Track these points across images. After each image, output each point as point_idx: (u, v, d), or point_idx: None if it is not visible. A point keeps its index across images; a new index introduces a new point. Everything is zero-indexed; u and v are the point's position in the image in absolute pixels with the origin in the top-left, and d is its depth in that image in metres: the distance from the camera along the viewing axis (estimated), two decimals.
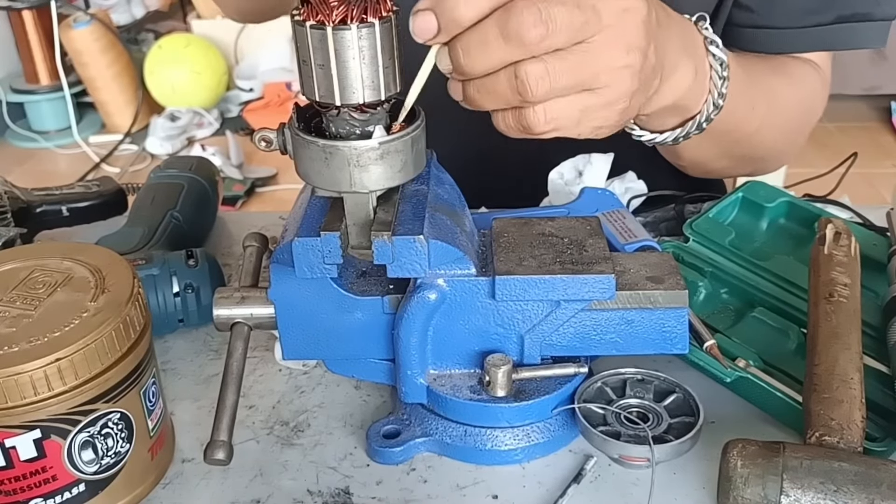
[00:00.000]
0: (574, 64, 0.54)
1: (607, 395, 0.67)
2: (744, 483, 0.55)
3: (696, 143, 0.75)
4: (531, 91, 0.54)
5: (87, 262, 0.63)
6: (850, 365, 0.61)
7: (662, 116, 0.70)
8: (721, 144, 0.84)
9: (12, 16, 3.58)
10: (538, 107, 0.55)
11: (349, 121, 0.58)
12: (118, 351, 0.58)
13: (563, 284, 0.62)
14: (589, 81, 0.55)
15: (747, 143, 0.86)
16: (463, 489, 0.63)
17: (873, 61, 3.30)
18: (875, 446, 0.61)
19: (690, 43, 0.67)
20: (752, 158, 0.93)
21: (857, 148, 1.13)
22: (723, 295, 0.79)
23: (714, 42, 0.69)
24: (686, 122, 0.72)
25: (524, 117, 0.56)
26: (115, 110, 3.66)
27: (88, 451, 0.58)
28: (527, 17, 0.52)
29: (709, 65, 0.69)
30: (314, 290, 0.64)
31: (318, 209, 0.64)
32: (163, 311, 0.79)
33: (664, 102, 0.66)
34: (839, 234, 0.72)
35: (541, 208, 0.88)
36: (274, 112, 3.56)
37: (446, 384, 0.65)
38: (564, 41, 0.53)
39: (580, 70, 0.54)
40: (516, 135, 0.58)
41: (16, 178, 1.00)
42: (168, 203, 0.91)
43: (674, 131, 0.72)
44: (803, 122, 0.94)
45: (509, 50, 0.53)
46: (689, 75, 0.66)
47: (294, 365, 0.75)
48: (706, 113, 0.71)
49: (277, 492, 0.63)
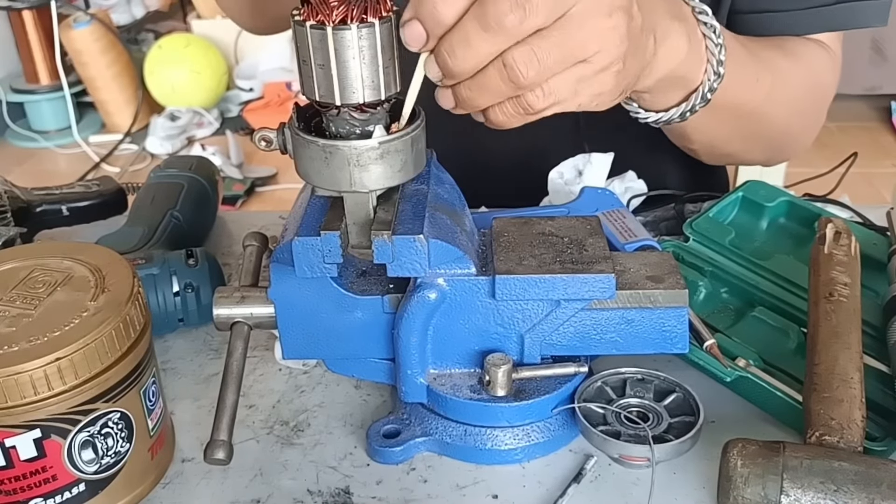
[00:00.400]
0: (559, 39, 0.54)
1: (607, 395, 0.67)
2: (744, 483, 0.55)
3: (705, 122, 0.75)
4: (522, 76, 0.54)
5: (87, 262, 0.63)
6: (850, 364, 0.61)
7: (665, 91, 0.70)
8: (729, 121, 0.83)
9: (12, 16, 3.58)
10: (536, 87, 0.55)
11: (349, 120, 0.58)
12: (118, 350, 0.58)
13: (563, 284, 0.62)
14: (578, 53, 0.55)
15: (756, 120, 0.86)
16: (463, 489, 0.63)
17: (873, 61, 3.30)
18: (875, 446, 0.61)
19: (678, 10, 0.67)
20: (767, 139, 0.92)
21: (857, 148, 1.13)
22: (723, 294, 0.79)
23: (703, 11, 0.69)
24: (689, 95, 0.72)
25: (525, 101, 0.56)
26: (115, 110, 3.66)
27: (88, 451, 0.58)
28: (501, 5, 0.51)
29: (701, 33, 0.69)
30: (314, 290, 0.64)
31: (318, 209, 0.64)
32: (163, 310, 0.79)
33: (663, 71, 0.66)
34: (839, 234, 0.72)
35: (541, 208, 0.88)
36: (274, 112, 3.56)
37: (446, 384, 0.65)
38: (545, 19, 0.53)
39: (566, 44, 0.54)
40: (518, 122, 0.58)
41: (16, 177, 1.00)
42: (168, 203, 0.91)
43: (679, 107, 0.72)
44: (815, 99, 0.93)
45: (492, 40, 0.53)
46: (683, 41, 0.66)
47: (294, 364, 0.76)
48: (708, 83, 0.70)
49: (277, 491, 0.63)
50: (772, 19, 0.89)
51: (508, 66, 0.54)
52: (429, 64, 0.55)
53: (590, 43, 0.55)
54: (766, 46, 0.85)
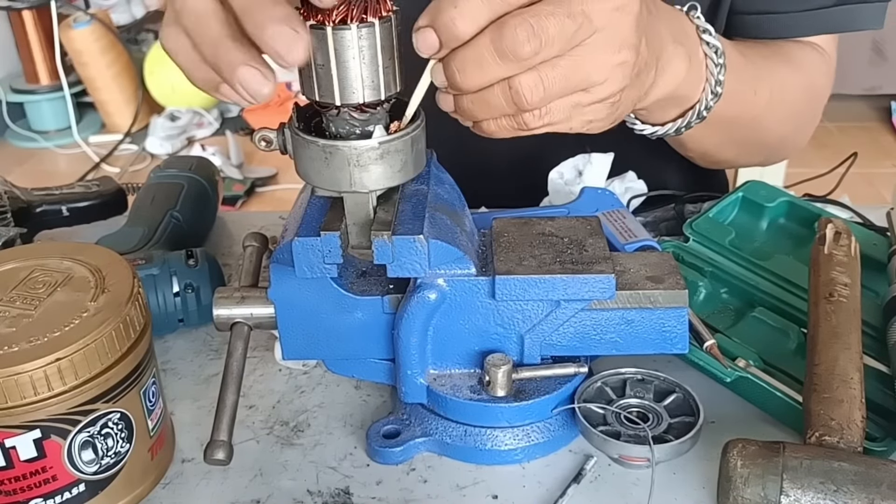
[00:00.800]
0: (567, 70, 0.54)
1: (607, 395, 0.67)
2: (744, 483, 0.55)
3: (701, 132, 0.75)
4: (526, 100, 0.54)
5: (87, 262, 0.63)
6: (850, 365, 0.61)
7: (662, 108, 0.71)
8: (725, 132, 0.84)
9: (12, 16, 3.58)
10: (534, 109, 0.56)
11: (349, 121, 0.58)
12: (118, 351, 0.58)
13: (563, 284, 0.62)
14: (582, 83, 0.56)
15: (752, 129, 0.87)
16: (463, 489, 0.63)
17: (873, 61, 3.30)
18: (875, 446, 0.61)
19: (681, 31, 0.68)
20: (761, 145, 0.93)
21: (857, 148, 1.13)
22: (723, 295, 0.79)
23: (706, 30, 0.69)
24: (686, 111, 0.72)
25: (520, 118, 0.56)
26: (115, 110, 3.66)
27: (88, 451, 0.58)
28: (520, 34, 0.52)
29: (703, 53, 0.70)
30: (314, 290, 0.64)
31: (318, 209, 0.64)
32: (163, 311, 0.79)
33: (661, 94, 0.66)
34: (839, 234, 0.72)
35: (541, 208, 0.88)
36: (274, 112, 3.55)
37: (446, 384, 0.65)
38: (558, 51, 0.53)
39: (573, 75, 0.55)
40: (508, 135, 0.58)
41: (16, 178, 1.00)
42: (168, 203, 0.91)
43: (675, 122, 0.73)
44: (810, 105, 0.94)
45: (504, 66, 0.53)
46: (684, 64, 0.67)
47: (294, 365, 0.76)
48: (705, 101, 0.71)
49: (277, 492, 0.63)
50: (771, 21, 0.90)
51: (514, 90, 0.54)
52: (436, 71, 0.56)
53: (595, 75, 0.56)
54: (764, 54, 0.86)
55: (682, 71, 0.67)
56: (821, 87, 0.94)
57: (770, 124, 0.88)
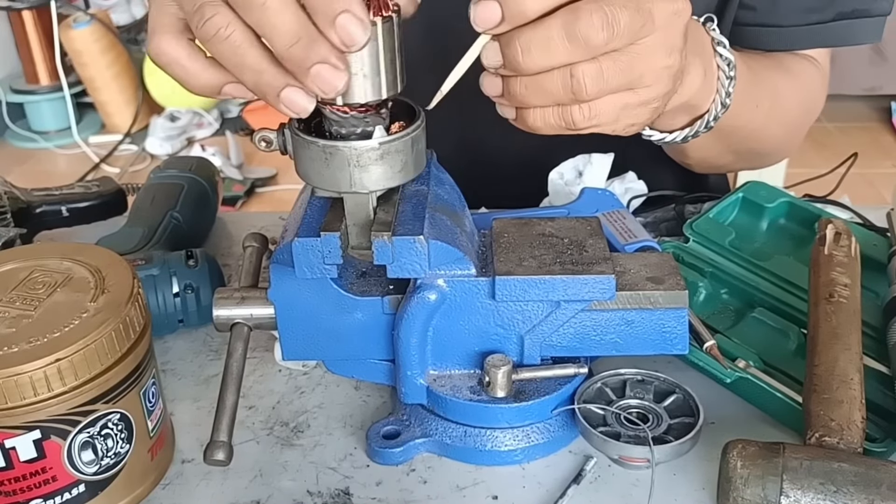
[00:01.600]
0: (625, 65, 0.54)
1: (607, 396, 0.67)
2: (744, 484, 0.55)
3: (703, 141, 0.76)
4: (586, 91, 0.54)
5: (87, 263, 0.63)
6: (850, 365, 0.61)
7: (673, 116, 0.71)
8: (727, 141, 0.85)
9: (12, 16, 3.58)
10: (585, 105, 0.55)
11: (350, 121, 0.58)
12: (118, 351, 0.58)
13: (563, 285, 0.62)
14: (635, 82, 0.56)
15: (751, 139, 0.88)
16: (463, 490, 0.63)
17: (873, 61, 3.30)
18: (875, 447, 0.61)
19: (699, 43, 0.68)
20: (757, 153, 0.95)
21: (857, 148, 1.13)
22: (723, 295, 0.79)
23: (721, 43, 0.70)
24: (695, 121, 0.73)
25: (570, 114, 0.56)
26: (115, 110, 3.66)
27: (88, 452, 0.58)
28: (595, 20, 0.51)
29: (716, 65, 0.70)
30: (314, 291, 0.64)
31: (318, 209, 0.64)
32: (163, 311, 0.79)
33: (677, 102, 0.67)
34: (839, 235, 0.72)
35: (541, 208, 0.88)
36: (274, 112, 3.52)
37: (446, 385, 0.65)
38: (623, 44, 0.53)
39: (630, 71, 0.55)
40: (552, 131, 0.57)
41: (16, 178, 1.00)
42: (168, 203, 0.91)
43: (683, 130, 0.73)
44: (805, 117, 0.96)
45: (572, 51, 0.52)
46: (700, 75, 0.67)
47: (294, 365, 0.75)
48: (714, 112, 0.71)
49: (277, 492, 0.63)
50: (772, 34, 0.91)
51: (575, 78, 0.53)
52: (490, 49, 0.54)
53: (647, 76, 0.56)
54: (767, 66, 0.87)
55: (698, 81, 0.67)
56: (817, 100, 0.96)
57: (768, 135, 0.90)
